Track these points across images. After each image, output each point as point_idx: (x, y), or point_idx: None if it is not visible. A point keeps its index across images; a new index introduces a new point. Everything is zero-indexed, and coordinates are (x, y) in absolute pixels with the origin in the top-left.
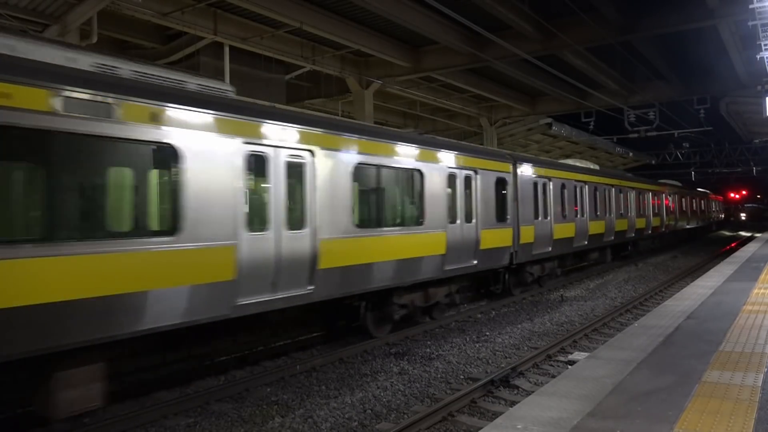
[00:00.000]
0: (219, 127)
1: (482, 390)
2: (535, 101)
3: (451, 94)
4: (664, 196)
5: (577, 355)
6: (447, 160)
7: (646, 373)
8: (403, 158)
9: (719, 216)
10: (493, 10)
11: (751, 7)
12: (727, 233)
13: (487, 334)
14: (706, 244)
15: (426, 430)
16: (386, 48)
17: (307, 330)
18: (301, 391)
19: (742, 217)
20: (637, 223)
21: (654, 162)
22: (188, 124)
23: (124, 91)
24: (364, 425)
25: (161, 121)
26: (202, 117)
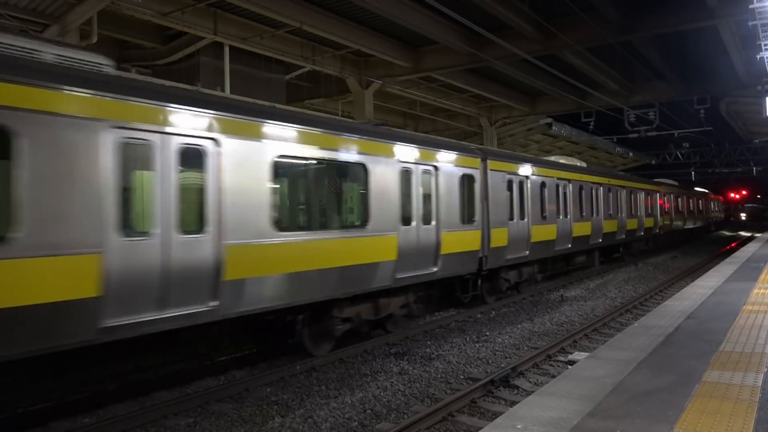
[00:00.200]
0: (74, 107)
1: (482, 390)
2: (535, 101)
3: (451, 94)
4: (658, 196)
5: (577, 355)
6: (400, 154)
7: (646, 373)
8: (342, 150)
9: (719, 216)
10: (493, 10)
11: (751, 7)
12: (727, 233)
13: (487, 334)
14: (706, 244)
15: (426, 430)
16: (386, 48)
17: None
18: (301, 391)
19: (742, 217)
20: (628, 224)
21: (654, 162)
22: (24, 100)
23: None
24: (364, 425)
25: None
26: (44, 94)
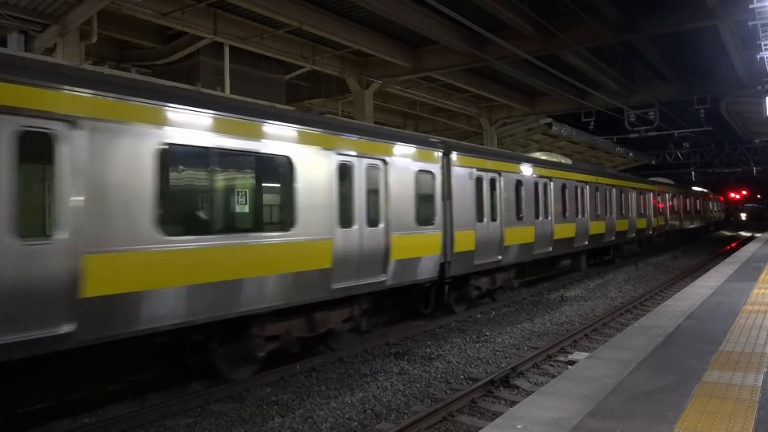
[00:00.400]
0: None
1: (482, 390)
2: (535, 101)
3: (451, 94)
4: (651, 195)
5: (577, 355)
6: (338, 146)
7: (646, 373)
8: (259, 139)
9: (718, 216)
10: (493, 10)
11: (751, 7)
12: (727, 233)
13: (487, 334)
14: (706, 244)
15: (426, 430)
16: (386, 48)
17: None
18: (301, 391)
19: (743, 217)
20: (618, 226)
21: (654, 162)
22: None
23: None
24: (364, 425)
25: None
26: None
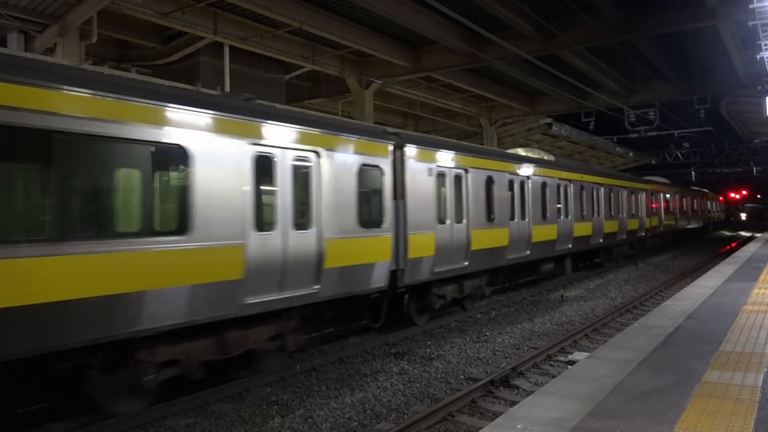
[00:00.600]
0: None
1: (482, 390)
2: (535, 101)
3: (451, 94)
4: (644, 195)
5: (577, 355)
6: (253, 134)
7: (646, 373)
8: (140, 125)
9: (718, 217)
10: (492, 10)
11: (751, 7)
12: (727, 233)
13: (487, 334)
14: (706, 245)
15: (426, 430)
16: (386, 48)
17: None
18: (301, 391)
19: (743, 217)
20: (607, 227)
21: (654, 162)
22: None
23: None
24: (364, 425)
25: None
26: None
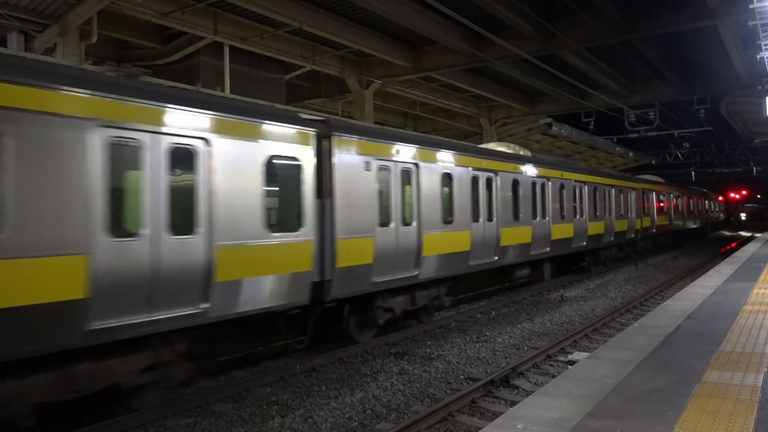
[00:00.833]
0: None
1: (482, 390)
2: (535, 101)
3: (451, 94)
4: (635, 194)
5: (577, 355)
6: (106, 114)
7: (646, 373)
8: None
9: (717, 217)
10: (493, 10)
11: (751, 7)
12: (727, 233)
13: (487, 334)
14: (706, 245)
15: (426, 430)
16: (386, 48)
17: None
18: (301, 391)
19: (742, 217)
20: (592, 229)
21: (654, 162)
22: None
23: None
24: (364, 425)
25: None
26: None
